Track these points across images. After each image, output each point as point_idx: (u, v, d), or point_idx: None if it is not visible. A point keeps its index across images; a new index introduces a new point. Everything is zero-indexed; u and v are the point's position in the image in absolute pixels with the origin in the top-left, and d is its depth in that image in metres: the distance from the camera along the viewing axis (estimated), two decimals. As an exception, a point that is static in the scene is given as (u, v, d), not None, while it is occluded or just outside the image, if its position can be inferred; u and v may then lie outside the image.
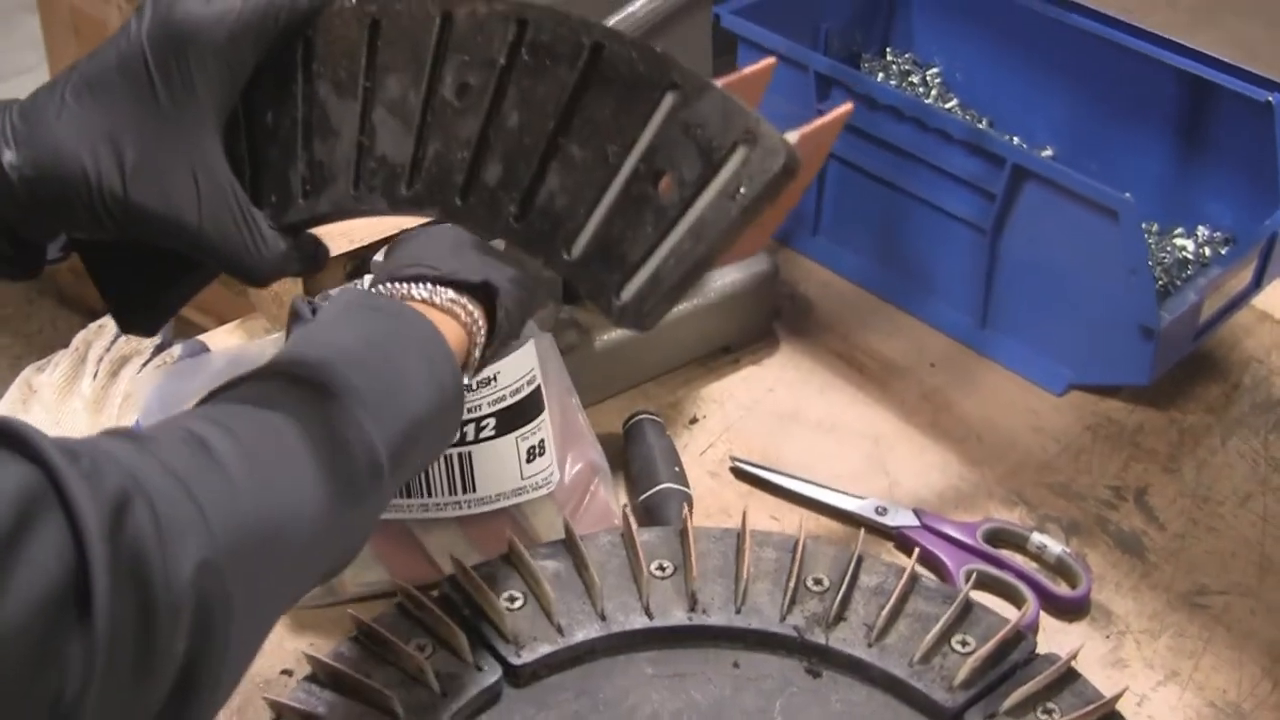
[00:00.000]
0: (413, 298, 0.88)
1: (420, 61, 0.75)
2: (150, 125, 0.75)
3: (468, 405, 1.04)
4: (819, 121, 0.72)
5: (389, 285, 0.89)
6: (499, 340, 0.90)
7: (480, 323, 0.88)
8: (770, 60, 0.77)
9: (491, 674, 0.98)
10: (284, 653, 1.04)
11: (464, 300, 0.88)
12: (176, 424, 0.71)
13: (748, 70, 0.73)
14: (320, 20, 0.78)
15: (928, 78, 1.51)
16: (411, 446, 0.81)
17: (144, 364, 1.22)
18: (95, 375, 1.21)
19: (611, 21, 1.15)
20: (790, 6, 1.44)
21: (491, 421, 1.05)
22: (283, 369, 0.79)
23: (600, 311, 0.72)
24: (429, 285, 0.88)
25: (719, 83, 0.70)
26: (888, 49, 1.54)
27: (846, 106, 0.83)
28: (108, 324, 1.24)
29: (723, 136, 0.66)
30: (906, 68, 1.52)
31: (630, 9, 1.14)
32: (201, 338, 1.27)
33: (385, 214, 0.77)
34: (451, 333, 0.86)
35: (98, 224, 0.76)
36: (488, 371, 1.05)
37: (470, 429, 1.05)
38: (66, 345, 1.24)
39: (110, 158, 0.75)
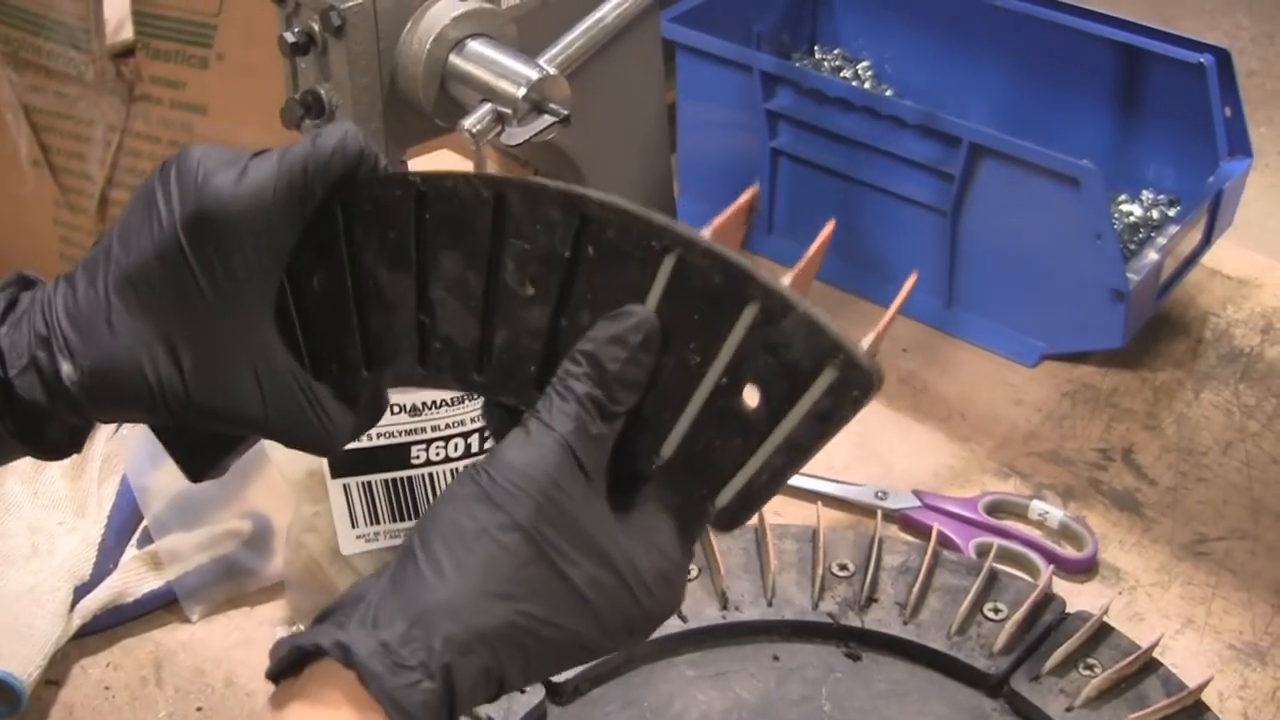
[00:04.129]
0: None
1: (477, 244, 0.71)
2: (201, 322, 0.72)
3: (432, 424, 1.02)
4: (810, 253, 0.72)
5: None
6: None
7: None
8: (751, 192, 0.76)
9: (534, 695, 0.97)
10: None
11: None
12: None
13: (731, 210, 0.72)
14: (359, 187, 0.73)
15: (859, 71, 1.53)
16: None
17: (118, 426, 1.20)
18: (68, 443, 1.19)
19: (568, 39, 1.15)
20: (722, 11, 1.45)
21: (460, 441, 1.04)
22: None
23: None
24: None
25: (709, 228, 0.69)
26: (815, 47, 1.56)
27: (827, 229, 0.80)
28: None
29: (809, 357, 0.63)
30: (837, 64, 1.54)
31: (586, 23, 1.14)
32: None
33: (459, 392, 0.71)
34: None
35: (160, 420, 0.74)
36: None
37: (436, 448, 1.04)
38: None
39: (169, 363, 0.72)
